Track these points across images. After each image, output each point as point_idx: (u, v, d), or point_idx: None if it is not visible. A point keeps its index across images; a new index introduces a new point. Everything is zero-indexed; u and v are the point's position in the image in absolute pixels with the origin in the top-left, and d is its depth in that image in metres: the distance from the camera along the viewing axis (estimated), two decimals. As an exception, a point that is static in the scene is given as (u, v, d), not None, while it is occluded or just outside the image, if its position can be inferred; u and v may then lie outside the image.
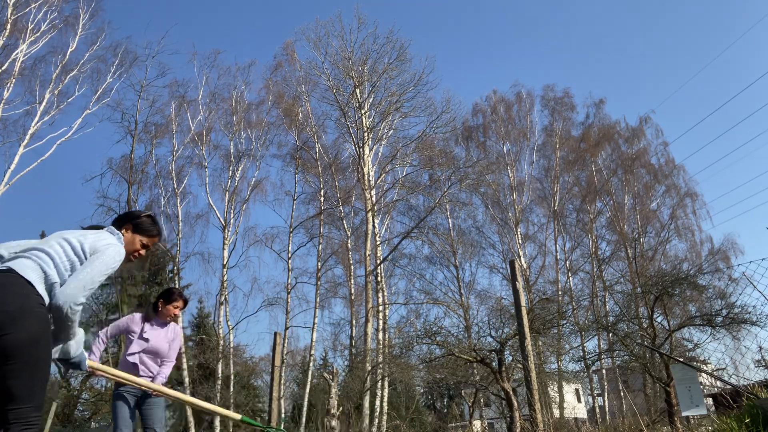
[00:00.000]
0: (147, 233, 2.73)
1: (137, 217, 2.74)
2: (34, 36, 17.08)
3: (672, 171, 27.07)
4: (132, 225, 2.71)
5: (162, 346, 4.35)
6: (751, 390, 4.29)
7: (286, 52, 22.44)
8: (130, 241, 2.68)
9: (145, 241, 2.72)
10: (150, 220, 2.78)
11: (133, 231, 2.70)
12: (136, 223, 2.72)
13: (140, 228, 2.72)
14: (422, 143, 20.31)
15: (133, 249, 2.70)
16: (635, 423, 10.56)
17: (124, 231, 2.68)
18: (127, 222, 2.71)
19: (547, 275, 24.37)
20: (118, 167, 20.88)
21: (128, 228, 2.70)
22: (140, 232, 2.71)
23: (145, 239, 2.72)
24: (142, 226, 2.72)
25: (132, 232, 2.70)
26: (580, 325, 13.73)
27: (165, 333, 4.42)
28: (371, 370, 15.33)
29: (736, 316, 9.52)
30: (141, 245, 2.71)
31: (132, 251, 2.70)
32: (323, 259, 20.75)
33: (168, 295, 4.47)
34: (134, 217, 2.74)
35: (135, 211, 2.82)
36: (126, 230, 2.69)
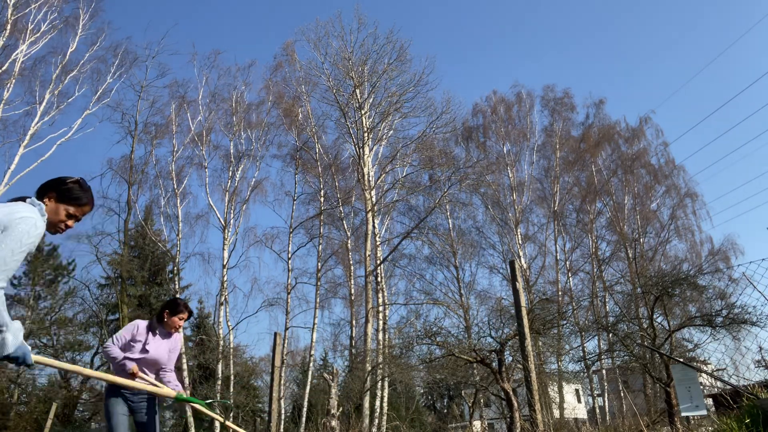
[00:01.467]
0: (74, 201, 2.43)
1: (62, 184, 2.44)
2: (34, 36, 17.10)
3: (672, 171, 27.08)
4: (56, 193, 2.41)
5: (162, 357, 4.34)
6: (751, 390, 4.29)
7: (286, 53, 22.46)
8: (53, 210, 2.39)
9: (71, 210, 2.43)
10: (78, 186, 2.47)
11: (57, 200, 2.41)
12: (60, 190, 2.42)
13: (66, 196, 2.42)
14: (422, 143, 20.32)
15: (58, 219, 2.40)
16: (635, 423, 10.56)
17: (47, 200, 2.39)
18: (50, 190, 2.42)
19: (547, 275, 24.40)
20: (118, 167, 20.92)
21: (51, 196, 2.40)
22: (66, 201, 2.42)
23: (71, 208, 2.43)
24: (69, 193, 2.43)
25: (56, 201, 2.41)
26: (580, 326, 13.74)
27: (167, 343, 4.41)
28: (371, 370, 15.33)
29: (736, 317, 9.53)
30: (67, 215, 2.42)
31: (57, 222, 2.40)
32: (323, 260, 20.75)
33: (173, 306, 4.44)
34: (59, 184, 2.44)
35: (61, 177, 2.48)
36: (49, 199, 2.40)
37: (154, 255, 25.18)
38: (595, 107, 27.52)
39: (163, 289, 27.20)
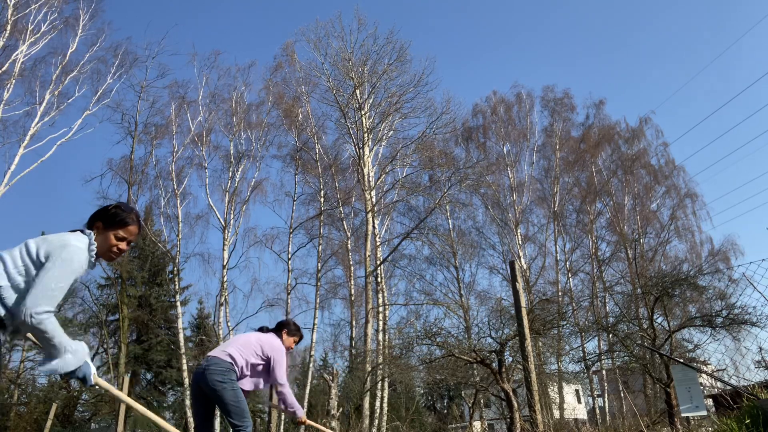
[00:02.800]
0: (120, 225, 2.51)
1: (106, 211, 2.53)
2: (34, 37, 17.10)
3: (672, 172, 27.09)
4: (101, 221, 2.49)
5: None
6: (751, 391, 4.29)
7: (286, 53, 22.45)
8: (102, 238, 2.47)
9: (121, 233, 2.50)
10: (119, 210, 2.54)
11: (104, 227, 2.49)
12: (105, 217, 2.50)
13: (111, 221, 2.50)
14: (422, 144, 20.31)
15: (109, 246, 2.49)
16: (635, 424, 10.55)
17: (95, 230, 2.48)
18: (96, 220, 2.51)
19: (547, 276, 24.41)
20: (118, 168, 20.90)
21: (98, 226, 2.49)
22: (112, 226, 2.49)
23: (120, 232, 2.50)
24: (113, 218, 2.50)
25: (103, 228, 2.49)
26: (580, 326, 13.73)
27: None
28: (371, 370, 15.33)
29: (736, 317, 9.53)
30: (116, 239, 2.50)
31: (109, 248, 2.49)
32: (323, 260, 20.76)
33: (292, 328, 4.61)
34: (103, 212, 2.53)
35: (104, 206, 2.59)
36: (97, 229, 2.49)
37: (154, 255, 25.21)
38: (595, 108, 27.56)
39: (163, 290, 27.24)
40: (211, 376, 3.86)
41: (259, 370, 4.19)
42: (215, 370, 3.87)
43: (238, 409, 3.87)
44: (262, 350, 4.16)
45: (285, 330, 4.47)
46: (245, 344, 4.14)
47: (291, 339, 4.49)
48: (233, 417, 3.86)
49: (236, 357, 4.02)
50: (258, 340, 4.20)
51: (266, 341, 4.23)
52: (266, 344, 4.20)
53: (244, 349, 4.10)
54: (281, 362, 4.22)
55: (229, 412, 3.86)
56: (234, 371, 3.97)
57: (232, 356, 4.00)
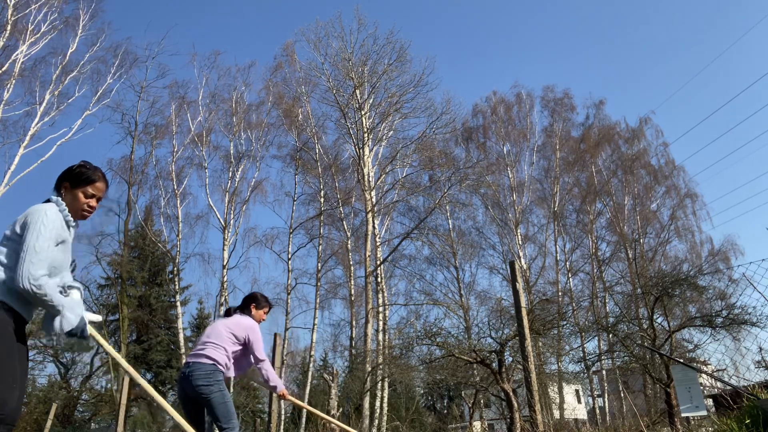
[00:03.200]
0: (86, 182, 2.54)
1: (71, 171, 2.55)
2: (34, 37, 17.10)
3: (672, 172, 27.09)
4: (68, 182, 2.52)
5: None
6: (751, 391, 4.29)
7: (286, 53, 22.47)
8: (71, 198, 2.51)
9: (90, 191, 2.54)
10: (84, 168, 2.57)
11: (71, 187, 2.52)
12: (71, 177, 2.53)
13: (77, 180, 2.53)
14: (422, 144, 20.32)
15: (79, 204, 2.53)
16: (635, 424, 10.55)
17: (63, 192, 2.51)
18: (63, 181, 2.53)
19: (547, 276, 24.40)
20: (118, 168, 20.94)
21: (65, 187, 2.52)
22: (79, 185, 2.52)
23: (89, 189, 2.54)
24: (79, 177, 2.53)
25: (71, 188, 2.52)
26: (580, 326, 13.73)
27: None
28: (371, 371, 15.32)
29: (737, 317, 9.52)
30: (86, 197, 2.53)
31: (79, 207, 2.53)
32: (323, 260, 20.76)
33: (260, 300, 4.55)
34: (68, 172, 2.55)
35: (68, 167, 2.60)
36: (65, 190, 2.52)
37: (154, 255, 25.20)
38: (595, 108, 27.58)
39: (163, 290, 27.22)
40: (195, 382, 3.83)
41: (239, 355, 4.18)
42: (199, 375, 3.84)
43: (226, 412, 3.87)
44: (236, 335, 4.11)
45: (253, 304, 4.39)
46: (218, 337, 4.06)
47: (261, 311, 4.42)
48: (221, 420, 3.84)
49: (216, 356, 3.97)
50: (227, 327, 4.14)
51: (236, 324, 4.17)
52: (237, 327, 4.15)
53: (220, 342, 4.04)
54: (257, 338, 4.18)
55: (217, 416, 3.85)
56: (218, 371, 3.95)
57: (211, 357, 3.95)
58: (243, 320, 4.23)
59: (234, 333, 4.11)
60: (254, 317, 4.35)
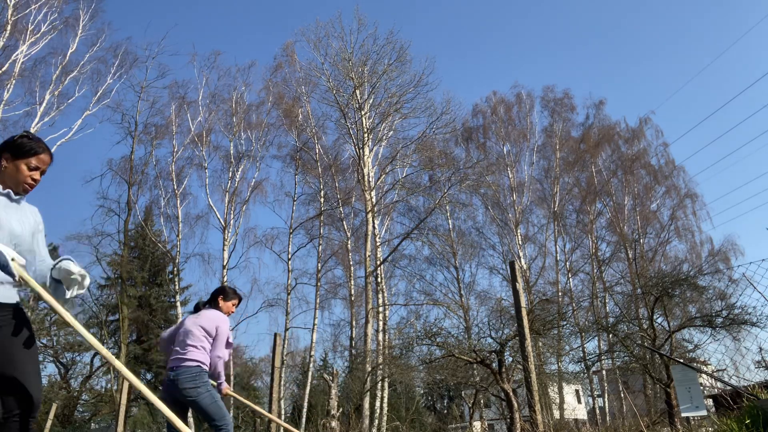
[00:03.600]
0: (30, 153, 2.37)
1: (12, 142, 2.37)
2: (34, 37, 17.10)
3: (672, 172, 27.09)
4: (9, 153, 2.35)
5: None
6: (751, 391, 4.29)
7: (286, 53, 22.47)
8: (13, 169, 2.35)
9: (33, 163, 2.38)
10: (27, 138, 2.39)
11: (13, 158, 2.36)
12: (13, 147, 2.36)
13: (20, 151, 2.36)
14: (422, 144, 20.31)
15: (23, 177, 2.36)
16: (635, 424, 10.55)
17: (4, 162, 2.35)
18: (3, 152, 2.36)
19: (547, 276, 24.40)
20: (118, 168, 20.93)
21: (6, 158, 2.35)
22: (22, 156, 2.36)
23: (32, 161, 2.38)
24: (21, 147, 2.36)
25: (12, 159, 2.36)
26: (580, 326, 13.73)
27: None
28: (371, 371, 15.32)
29: (737, 317, 9.52)
30: (29, 169, 2.37)
31: (23, 180, 2.36)
32: (323, 260, 20.76)
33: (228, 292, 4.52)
34: (9, 143, 2.38)
35: (11, 136, 2.43)
36: (6, 161, 2.35)
37: (154, 256, 25.21)
38: (595, 108, 27.58)
39: (163, 290, 27.22)
40: (182, 386, 3.85)
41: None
42: (185, 379, 3.86)
43: (218, 411, 3.88)
44: (207, 332, 4.11)
45: (221, 297, 4.38)
46: (195, 337, 4.07)
47: (229, 303, 4.40)
48: (215, 419, 3.86)
49: (199, 357, 3.99)
50: (197, 325, 4.14)
51: (205, 320, 4.17)
52: (207, 323, 4.14)
53: (197, 342, 4.04)
54: (223, 332, 4.17)
55: (209, 416, 3.86)
56: (203, 372, 3.97)
57: (195, 359, 3.97)
58: (211, 314, 4.23)
59: (205, 328, 4.12)
60: (222, 309, 4.34)
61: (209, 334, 4.11)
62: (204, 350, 4.05)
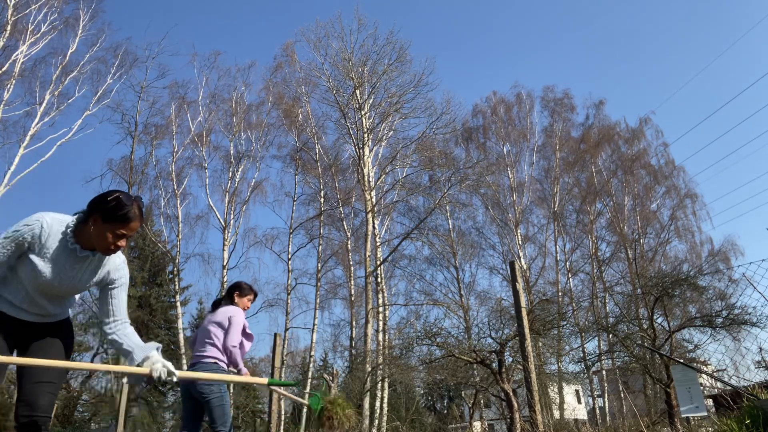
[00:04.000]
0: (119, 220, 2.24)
1: (105, 203, 2.24)
2: (34, 37, 17.11)
3: (672, 172, 27.09)
4: (100, 214, 2.23)
5: None
6: (751, 391, 4.29)
7: (286, 53, 22.49)
8: (99, 231, 2.24)
9: (120, 231, 2.25)
10: (120, 202, 2.24)
11: (102, 221, 2.24)
12: (104, 210, 2.23)
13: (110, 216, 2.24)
14: (422, 144, 20.32)
15: (107, 243, 2.25)
16: (635, 424, 10.55)
17: (92, 222, 2.24)
18: (94, 212, 2.24)
19: (547, 276, 24.40)
20: (118, 168, 20.93)
21: (96, 218, 2.24)
22: (111, 221, 2.24)
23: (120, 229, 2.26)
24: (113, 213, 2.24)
25: (102, 222, 2.24)
26: (580, 326, 13.72)
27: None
28: (371, 371, 15.32)
29: (737, 318, 9.51)
30: (114, 236, 2.25)
31: (106, 247, 2.27)
32: (323, 260, 20.77)
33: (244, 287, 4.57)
34: (102, 204, 2.25)
35: (103, 194, 2.29)
36: (94, 221, 2.24)
37: (154, 256, 25.21)
38: (595, 108, 27.58)
39: (163, 290, 27.22)
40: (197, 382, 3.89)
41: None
42: None
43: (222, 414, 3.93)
44: (221, 326, 4.17)
45: (236, 292, 4.44)
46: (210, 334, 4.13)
47: (245, 299, 4.46)
48: (216, 422, 3.91)
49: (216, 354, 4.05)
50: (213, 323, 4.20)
51: (220, 315, 4.23)
52: (221, 317, 4.20)
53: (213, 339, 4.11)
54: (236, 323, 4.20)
55: (213, 417, 3.91)
56: (220, 369, 4.02)
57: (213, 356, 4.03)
58: (226, 308, 4.29)
59: (219, 323, 4.18)
60: (238, 305, 4.40)
61: (222, 327, 4.17)
62: (218, 348, 4.10)
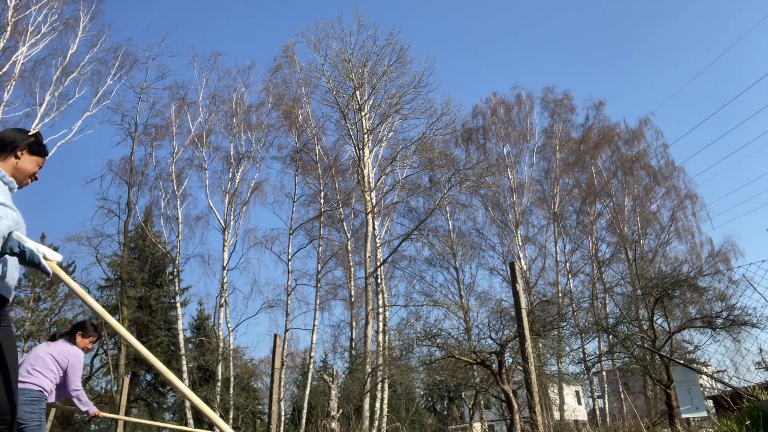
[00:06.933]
0: (45, 153, 2.47)
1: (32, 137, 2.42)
2: (34, 38, 17.10)
3: (672, 173, 27.10)
4: (28, 148, 2.39)
5: None
6: (751, 392, 4.29)
7: (286, 54, 22.48)
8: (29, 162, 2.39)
9: (41, 163, 2.45)
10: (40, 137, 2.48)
11: (29, 152, 2.39)
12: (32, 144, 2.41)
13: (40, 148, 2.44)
14: (422, 145, 20.32)
15: (33, 172, 2.42)
16: (635, 425, 10.55)
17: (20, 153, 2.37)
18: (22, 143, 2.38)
19: (547, 277, 24.39)
20: (118, 169, 20.94)
21: (23, 151, 2.37)
22: (39, 153, 2.44)
23: (41, 161, 2.45)
24: (42, 147, 2.46)
25: (29, 153, 2.39)
26: (580, 327, 13.74)
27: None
28: (371, 372, 15.31)
29: (737, 318, 9.53)
30: (39, 167, 2.44)
31: (32, 174, 2.42)
32: (323, 261, 20.75)
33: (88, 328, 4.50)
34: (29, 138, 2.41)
35: (22, 129, 2.45)
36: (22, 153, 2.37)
37: (154, 257, 25.21)
38: (594, 109, 27.58)
39: (163, 291, 27.22)
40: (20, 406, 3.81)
41: (60, 383, 4.22)
42: (24, 401, 3.73)
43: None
44: (58, 364, 4.13)
45: (80, 332, 4.40)
46: (43, 364, 4.06)
47: (87, 340, 4.43)
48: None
49: (43, 383, 3.97)
50: (50, 354, 4.14)
51: (58, 352, 4.18)
52: (59, 356, 4.16)
53: (45, 370, 4.04)
54: (76, 366, 4.19)
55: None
56: (43, 399, 3.95)
57: (38, 384, 3.94)
58: (66, 347, 4.25)
59: (57, 360, 4.14)
60: (78, 345, 4.36)
61: (58, 369, 4.13)
62: (48, 379, 4.03)
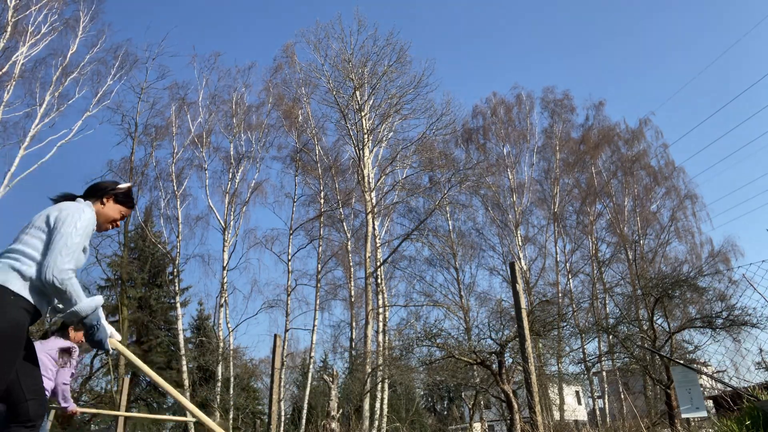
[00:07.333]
0: (130, 205, 2.66)
1: (120, 188, 2.63)
2: (34, 38, 17.10)
3: (672, 173, 27.09)
4: (115, 196, 2.59)
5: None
6: (751, 392, 4.29)
7: (286, 54, 22.49)
8: (110, 211, 2.58)
9: (125, 212, 2.63)
10: (131, 191, 2.68)
11: (115, 201, 2.60)
12: (120, 193, 2.61)
13: (125, 199, 2.63)
14: (422, 145, 20.33)
15: (114, 219, 2.60)
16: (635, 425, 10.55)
17: (105, 200, 2.57)
18: (109, 191, 2.59)
19: (547, 277, 24.40)
20: (118, 169, 20.91)
21: (109, 197, 2.58)
22: (124, 203, 2.63)
23: (125, 211, 2.64)
24: (128, 197, 2.65)
25: (114, 202, 2.59)
26: (580, 328, 13.74)
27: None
28: (371, 372, 15.31)
29: (737, 318, 9.52)
30: (121, 217, 2.62)
31: (111, 221, 2.60)
32: (323, 261, 20.75)
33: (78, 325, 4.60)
34: (115, 187, 2.62)
35: (113, 181, 2.69)
36: (107, 200, 2.58)
37: (154, 257, 25.18)
38: (594, 109, 27.59)
39: (163, 291, 27.20)
40: None
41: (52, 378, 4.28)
42: None
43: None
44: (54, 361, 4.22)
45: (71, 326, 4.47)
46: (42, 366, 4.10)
47: (79, 334, 4.50)
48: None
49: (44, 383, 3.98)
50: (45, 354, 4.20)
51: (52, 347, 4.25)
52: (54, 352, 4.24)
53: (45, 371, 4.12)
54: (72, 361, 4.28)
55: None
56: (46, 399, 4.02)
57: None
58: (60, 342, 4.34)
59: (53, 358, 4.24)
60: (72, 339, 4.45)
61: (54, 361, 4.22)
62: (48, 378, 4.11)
